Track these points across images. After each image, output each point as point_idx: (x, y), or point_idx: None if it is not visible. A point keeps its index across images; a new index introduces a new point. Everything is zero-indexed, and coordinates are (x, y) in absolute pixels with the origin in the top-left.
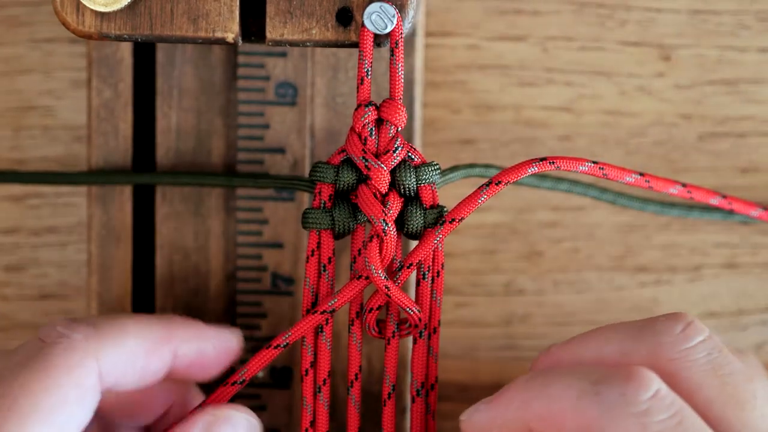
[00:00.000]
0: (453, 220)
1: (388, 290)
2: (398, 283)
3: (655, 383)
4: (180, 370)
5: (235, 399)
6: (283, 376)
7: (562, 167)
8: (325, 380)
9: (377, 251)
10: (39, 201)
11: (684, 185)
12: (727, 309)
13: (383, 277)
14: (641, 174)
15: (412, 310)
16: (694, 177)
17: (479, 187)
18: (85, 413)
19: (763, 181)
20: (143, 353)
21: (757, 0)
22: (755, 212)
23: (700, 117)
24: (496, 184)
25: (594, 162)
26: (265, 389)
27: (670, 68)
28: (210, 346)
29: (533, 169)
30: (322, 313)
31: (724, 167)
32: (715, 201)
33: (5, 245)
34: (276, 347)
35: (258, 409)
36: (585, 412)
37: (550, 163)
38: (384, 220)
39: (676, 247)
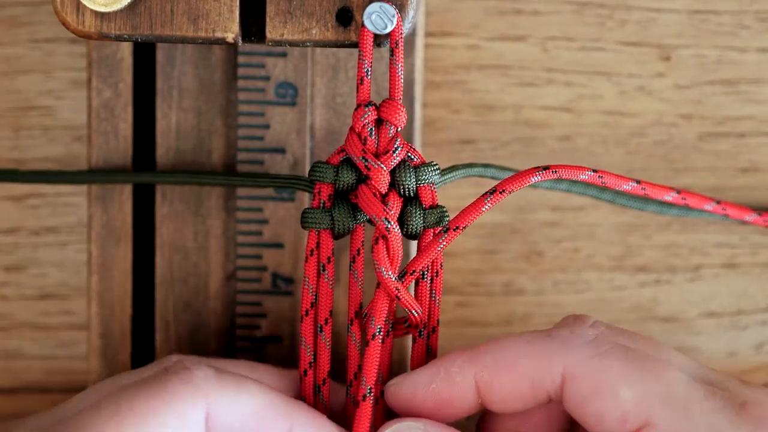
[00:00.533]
0: (456, 228)
1: (398, 292)
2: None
3: (592, 318)
4: None
5: None
6: None
7: (564, 176)
8: (324, 380)
9: (385, 253)
10: (39, 201)
11: (679, 192)
12: (727, 309)
13: (394, 279)
14: (638, 182)
15: (417, 312)
16: (694, 177)
17: (483, 195)
18: None
19: (763, 181)
20: (257, 418)
21: (757, 0)
22: (750, 217)
23: (700, 117)
24: (500, 193)
25: (594, 171)
26: None
27: (670, 68)
28: None
29: (536, 178)
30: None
31: (724, 167)
32: (709, 207)
33: (5, 245)
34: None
35: None
36: (540, 349)
37: (552, 172)
38: (386, 218)
39: (676, 247)
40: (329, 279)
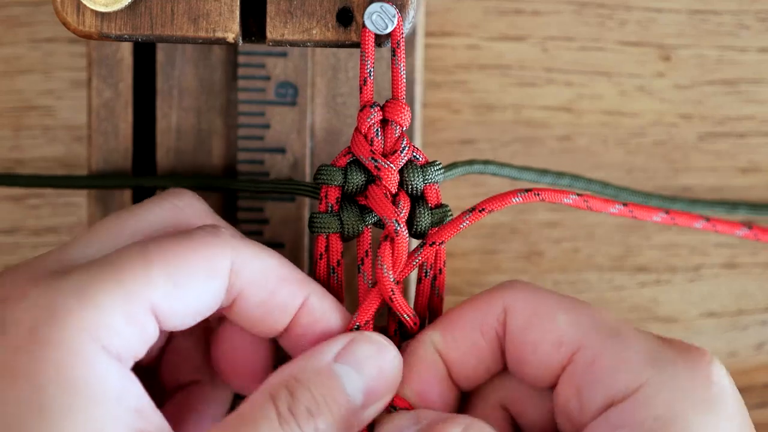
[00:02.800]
0: (433, 243)
1: (393, 294)
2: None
3: None
4: (303, 325)
5: (235, 399)
6: None
7: (547, 199)
8: None
9: (390, 253)
10: (39, 201)
11: (667, 212)
12: (727, 309)
13: (391, 279)
14: (624, 204)
15: (408, 316)
16: (694, 177)
17: (462, 213)
18: (209, 294)
19: (763, 181)
20: (276, 278)
21: (757, 0)
22: (740, 232)
23: (700, 117)
24: (480, 211)
25: (578, 194)
26: None
27: (670, 68)
28: (338, 319)
29: (518, 199)
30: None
31: (724, 167)
32: (699, 225)
33: (5, 245)
34: None
35: None
36: (482, 298)
37: (535, 194)
38: (396, 220)
39: (676, 247)
40: (339, 281)
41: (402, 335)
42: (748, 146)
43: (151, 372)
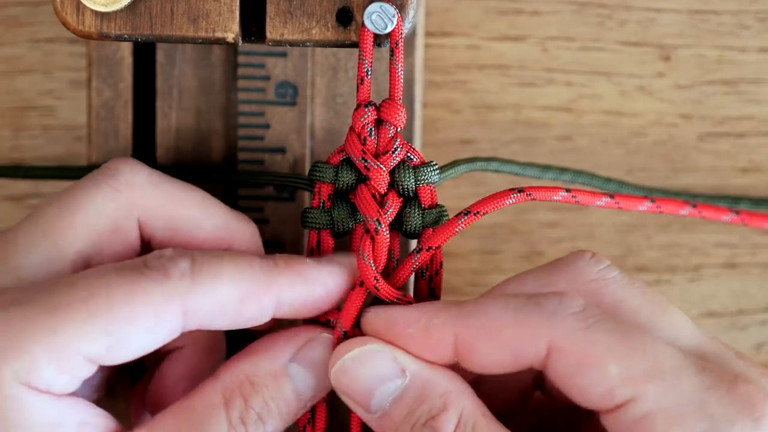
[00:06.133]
0: (429, 248)
1: (377, 282)
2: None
3: (582, 298)
4: (287, 312)
5: None
6: None
7: (538, 198)
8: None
9: (370, 247)
10: (39, 201)
11: (653, 200)
12: (727, 309)
13: (372, 268)
14: (611, 196)
15: (400, 299)
16: (694, 177)
17: (457, 215)
18: (154, 342)
19: (763, 181)
20: (236, 301)
21: (757, 0)
22: (726, 217)
23: (700, 117)
24: (474, 214)
25: (567, 190)
26: None
27: (670, 68)
28: (318, 287)
29: (510, 201)
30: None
31: (724, 167)
32: (684, 212)
33: None
34: None
35: None
36: (526, 320)
37: (527, 194)
38: (378, 219)
39: (676, 247)
40: None
41: None
42: (748, 146)
43: None
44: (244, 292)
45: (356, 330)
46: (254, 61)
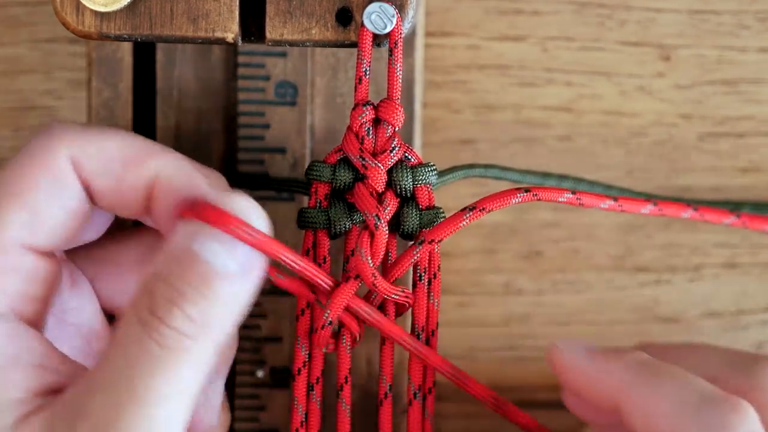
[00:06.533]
0: (432, 241)
1: (375, 278)
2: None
3: (755, 420)
4: (163, 196)
5: (235, 399)
6: (283, 376)
7: (544, 198)
8: (318, 378)
9: (368, 246)
10: None
11: (655, 204)
12: (727, 309)
13: (370, 265)
14: (614, 199)
15: (398, 294)
16: (694, 177)
17: (462, 210)
18: (61, 197)
19: (763, 181)
20: (121, 160)
21: (757, 0)
22: (728, 220)
23: (700, 117)
24: (480, 210)
25: (573, 192)
26: (265, 389)
27: (670, 68)
28: (202, 184)
29: (517, 199)
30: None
31: (724, 167)
32: (686, 214)
33: None
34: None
35: (258, 409)
36: (682, 422)
37: (533, 194)
38: (377, 215)
39: (676, 247)
40: None
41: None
42: (748, 146)
43: None
44: (129, 153)
45: (342, 321)
46: (254, 61)
